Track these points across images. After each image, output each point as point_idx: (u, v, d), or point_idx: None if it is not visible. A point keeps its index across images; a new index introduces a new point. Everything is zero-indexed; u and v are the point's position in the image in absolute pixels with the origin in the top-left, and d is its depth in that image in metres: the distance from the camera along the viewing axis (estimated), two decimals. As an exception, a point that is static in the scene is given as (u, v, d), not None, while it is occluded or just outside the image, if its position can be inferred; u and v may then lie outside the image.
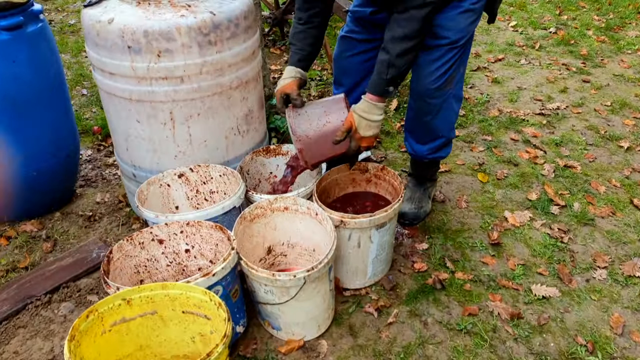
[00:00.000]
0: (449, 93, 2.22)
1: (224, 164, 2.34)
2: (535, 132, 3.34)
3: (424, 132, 2.37)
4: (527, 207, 2.69)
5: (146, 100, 2.11)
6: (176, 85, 2.08)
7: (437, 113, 2.25)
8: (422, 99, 2.23)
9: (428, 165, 2.52)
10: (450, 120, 2.34)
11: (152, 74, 2.04)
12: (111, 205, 2.68)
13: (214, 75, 2.12)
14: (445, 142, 2.41)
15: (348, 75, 2.41)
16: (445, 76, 2.14)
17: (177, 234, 1.96)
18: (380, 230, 2.04)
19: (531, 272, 2.30)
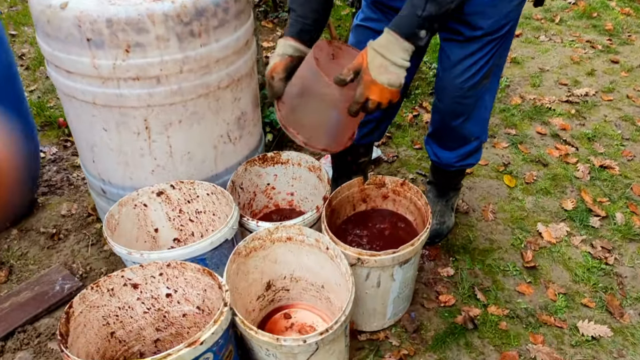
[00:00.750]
0: (484, 88, 1.82)
1: (212, 177, 1.94)
2: (563, 123, 2.96)
3: (453, 137, 1.98)
4: (562, 218, 2.33)
5: (114, 105, 1.69)
6: (151, 87, 1.66)
7: (469, 114, 1.87)
8: (452, 100, 1.83)
9: (454, 174, 2.14)
10: (484, 120, 1.96)
11: (120, 73, 1.62)
12: (79, 219, 2.28)
13: (199, 73, 1.70)
14: (477, 147, 2.03)
15: None
16: (482, 72, 1.74)
17: (155, 276, 1.58)
18: (404, 267, 1.68)
19: (575, 303, 1.96)
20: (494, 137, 2.87)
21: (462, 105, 1.83)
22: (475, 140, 1.99)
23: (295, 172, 2.10)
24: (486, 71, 1.76)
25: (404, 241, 1.86)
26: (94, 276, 2.04)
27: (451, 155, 2.03)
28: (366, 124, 2.02)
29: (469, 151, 2.01)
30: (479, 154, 2.07)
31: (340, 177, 2.25)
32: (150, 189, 1.85)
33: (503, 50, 1.78)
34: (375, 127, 2.04)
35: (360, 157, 2.16)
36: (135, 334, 1.66)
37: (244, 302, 1.71)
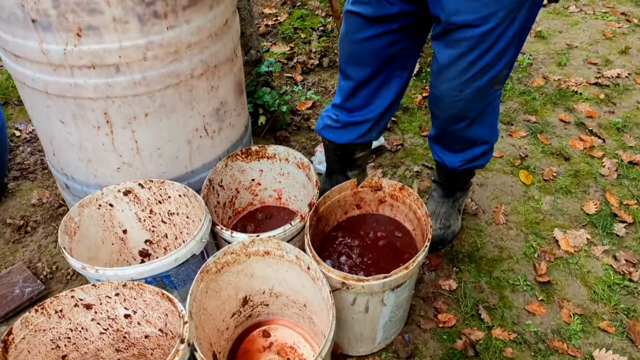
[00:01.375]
0: (495, 94, 1.56)
1: (188, 175, 1.73)
2: (590, 110, 2.66)
3: (456, 140, 1.74)
4: (583, 223, 2.09)
5: (68, 95, 1.47)
6: (109, 76, 1.43)
7: (474, 119, 1.61)
8: (449, 106, 1.58)
9: (461, 175, 1.90)
10: (492, 123, 1.70)
11: (72, 60, 1.39)
12: (50, 209, 2.09)
13: (166, 61, 1.46)
14: (486, 150, 1.78)
15: (356, 65, 1.69)
16: (486, 76, 1.47)
17: (110, 296, 1.39)
18: (397, 290, 1.47)
19: (592, 327, 1.74)
20: (512, 124, 2.60)
21: (464, 110, 1.58)
22: (483, 144, 1.74)
23: (282, 167, 1.87)
24: (494, 75, 1.48)
25: (401, 254, 1.66)
26: (59, 277, 1.86)
27: (455, 159, 1.79)
28: (362, 123, 1.77)
29: (477, 154, 1.77)
30: (489, 155, 1.82)
31: (335, 172, 2.01)
32: (116, 188, 1.65)
33: (513, 44, 1.47)
34: (374, 124, 1.79)
35: (356, 153, 1.92)
36: (92, 355, 1.49)
37: (215, 323, 1.52)
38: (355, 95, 1.74)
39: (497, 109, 1.67)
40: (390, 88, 1.72)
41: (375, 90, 1.69)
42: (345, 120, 1.81)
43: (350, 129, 1.81)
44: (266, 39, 3.31)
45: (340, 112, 1.82)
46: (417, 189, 2.22)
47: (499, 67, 1.46)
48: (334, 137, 1.86)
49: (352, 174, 2.00)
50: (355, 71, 1.68)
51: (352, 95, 1.74)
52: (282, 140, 2.47)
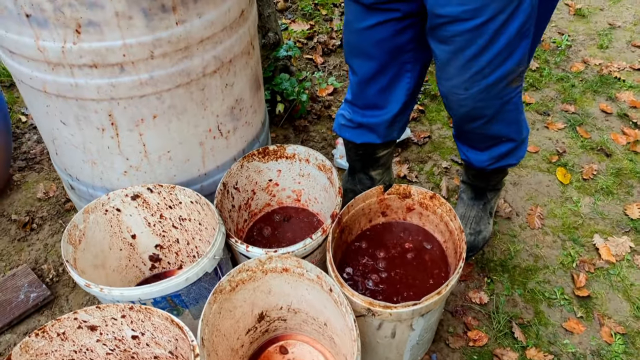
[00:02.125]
0: (512, 92, 1.40)
1: (200, 178, 1.60)
2: (634, 99, 2.46)
3: (475, 138, 1.58)
4: (625, 229, 1.93)
5: (69, 96, 1.33)
6: (113, 76, 1.29)
7: (490, 119, 1.45)
8: (455, 107, 1.43)
9: (490, 174, 1.74)
10: (516, 120, 1.52)
11: (72, 59, 1.25)
12: (56, 204, 1.98)
13: (175, 58, 1.32)
14: (513, 147, 1.61)
15: (360, 58, 1.52)
16: (496, 74, 1.30)
17: (116, 318, 1.28)
18: (427, 315, 1.34)
19: (635, 348, 1.60)
20: (548, 114, 2.41)
21: (476, 109, 1.41)
22: (509, 142, 1.57)
23: (302, 168, 1.73)
24: (505, 74, 1.31)
25: (430, 269, 1.53)
26: (65, 281, 1.77)
27: (482, 157, 1.63)
28: (378, 125, 1.62)
29: (504, 152, 1.60)
30: (519, 152, 1.64)
31: (357, 171, 1.87)
32: (124, 192, 1.53)
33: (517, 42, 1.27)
34: (391, 125, 1.63)
35: (379, 152, 1.77)
36: (99, 375, 1.40)
37: (228, 343, 1.42)
38: (364, 92, 1.58)
39: (519, 105, 1.48)
40: (402, 85, 1.55)
41: (385, 88, 1.53)
42: (359, 121, 1.66)
43: (367, 131, 1.66)
44: (284, 16, 3.11)
45: (352, 111, 1.67)
46: (445, 189, 2.07)
47: (509, 65, 1.29)
48: (351, 137, 1.71)
49: (375, 173, 1.85)
50: (359, 65, 1.52)
51: (360, 92, 1.59)
52: (302, 130, 2.32)
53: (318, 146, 2.27)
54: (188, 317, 1.45)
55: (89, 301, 1.73)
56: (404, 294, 1.47)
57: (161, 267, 1.75)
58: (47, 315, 1.69)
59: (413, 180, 2.11)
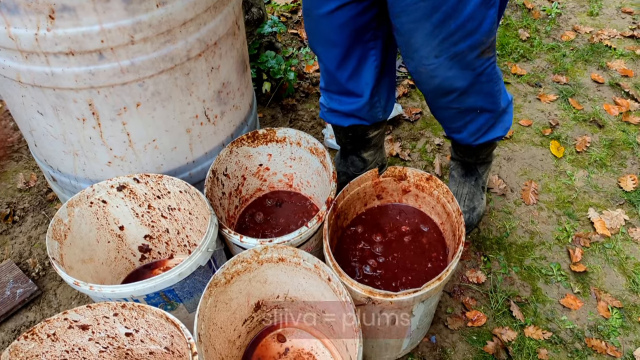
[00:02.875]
0: (483, 65, 1.35)
1: (188, 166, 1.54)
2: (625, 68, 2.43)
3: (452, 115, 1.52)
4: (620, 202, 1.92)
5: (46, 86, 1.26)
6: (92, 63, 1.21)
7: (463, 92, 1.40)
8: (426, 79, 1.38)
9: (478, 149, 1.70)
10: (492, 92, 1.46)
11: (47, 47, 1.17)
12: (38, 194, 1.91)
13: (157, 43, 1.24)
14: (495, 117, 1.55)
15: (324, 46, 1.46)
16: (461, 45, 1.26)
17: (108, 317, 1.24)
18: (427, 300, 1.32)
19: (632, 321, 1.61)
20: (540, 86, 2.37)
21: (447, 80, 1.36)
22: (486, 112, 1.51)
23: (294, 152, 1.68)
24: (475, 43, 1.26)
25: (428, 252, 1.50)
26: (52, 274, 1.71)
27: (462, 135, 1.59)
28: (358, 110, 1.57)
29: (482, 124, 1.55)
30: (503, 122, 1.58)
31: (349, 153, 1.82)
32: (109, 183, 1.47)
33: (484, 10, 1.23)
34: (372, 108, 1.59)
35: (369, 133, 1.72)
36: (93, 373, 1.36)
37: (225, 335, 1.38)
38: (335, 79, 1.53)
39: (493, 76, 1.41)
40: (369, 65, 1.49)
41: (354, 72, 1.48)
42: (339, 109, 1.61)
43: (350, 117, 1.61)
44: (267, -12, 3.01)
45: (330, 99, 1.62)
46: (439, 166, 2.03)
47: (479, 35, 1.25)
48: (338, 121, 1.66)
49: (367, 154, 1.81)
50: (324, 52, 1.46)
51: (331, 80, 1.54)
52: (290, 109, 2.26)
53: (307, 125, 2.22)
54: (183, 311, 1.41)
55: (77, 295, 1.68)
56: (402, 279, 1.44)
57: (151, 257, 1.70)
58: (35, 311, 1.64)
59: (406, 158, 2.07)
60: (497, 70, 1.43)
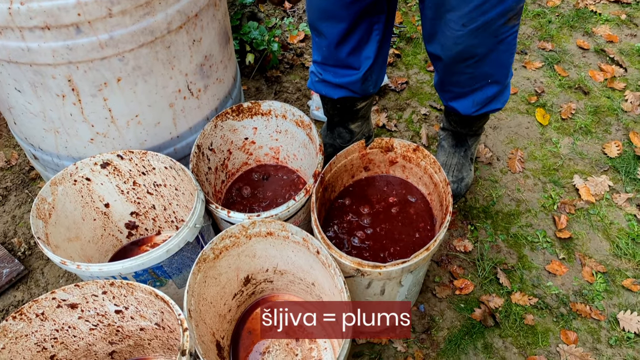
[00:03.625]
0: (507, 33, 1.34)
1: (173, 141, 1.52)
2: (610, 33, 2.42)
3: (461, 81, 1.52)
4: (604, 168, 1.93)
5: (22, 62, 1.22)
6: (69, 38, 1.18)
7: (481, 58, 1.40)
8: (449, 45, 1.37)
9: (473, 120, 1.70)
10: (506, 63, 1.47)
11: (21, 21, 1.13)
12: (20, 172, 1.88)
13: (136, 15, 1.21)
14: (498, 91, 1.56)
15: (329, 21, 1.43)
16: (492, 12, 1.26)
17: (97, 295, 1.24)
18: (415, 271, 1.33)
19: (615, 285, 1.64)
20: (526, 53, 2.36)
21: (470, 47, 1.35)
22: (494, 84, 1.52)
23: (279, 125, 1.66)
24: (507, 8, 1.26)
25: (416, 222, 1.51)
26: (39, 253, 1.70)
27: (467, 103, 1.58)
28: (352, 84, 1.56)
29: (489, 97, 1.55)
30: (505, 95, 1.60)
31: (336, 125, 1.81)
32: (93, 161, 1.45)
33: None
34: (365, 81, 1.57)
35: (357, 104, 1.70)
36: (84, 351, 1.36)
37: (215, 309, 1.39)
38: (336, 54, 1.51)
39: (512, 47, 1.42)
40: (372, 40, 1.49)
41: (356, 47, 1.46)
42: (332, 81, 1.59)
43: (341, 89, 1.59)
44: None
45: (323, 71, 1.60)
46: (425, 136, 2.02)
47: (509, 1, 1.24)
48: (328, 92, 1.64)
49: (354, 126, 1.80)
50: (329, 28, 1.44)
51: (331, 55, 1.51)
52: (274, 81, 2.23)
53: (292, 97, 2.19)
54: (172, 287, 1.41)
55: (65, 273, 1.67)
56: (391, 250, 1.45)
57: (139, 234, 1.69)
58: (23, 291, 1.63)
59: (392, 129, 2.06)
60: (516, 42, 1.43)
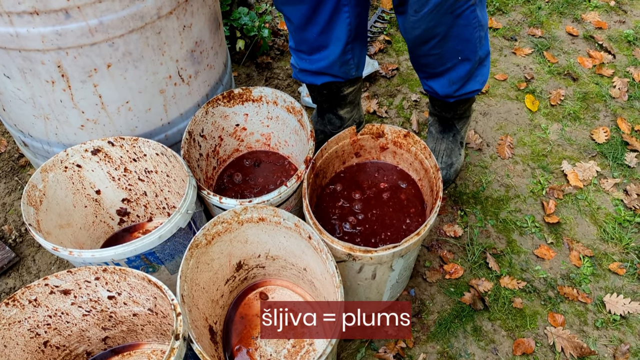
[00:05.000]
0: (461, 8, 1.35)
1: (164, 128, 1.52)
2: (599, 20, 2.44)
3: (430, 61, 1.53)
4: (592, 154, 1.96)
5: (11, 47, 1.21)
6: (58, 23, 1.17)
7: (443, 38, 1.41)
8: (412, 24, 1.38)
9: (456, 104, 1.71)
10: (471, 38, 1.46)
11: (8, 6, 1.12)
12: (9, 159, 1.87)
13: (126, 0, 1.20)
14: (473, 67, 1.55)
15: (290, 3, 1.43)
16: None
17: (90, 281, 1.24)
18: (406, 255, 1.34)
19: (602, 269, 1.67)
20: (515, 39, 2.37)
21: (429, 30, 1.37)
22: (465, 61, 1.51)
23: (270, 111, 1.66)
24: None
25: (407, 208, 1.52)
26: (30, 240, 1.70)
27: (442, 83, 1.58)
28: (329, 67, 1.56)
29: (464, 75, 1.55)
30: (481, 74, 1.59)
31: (325, 111, 1.81)
32: (83, 147, 1.44)
33: None
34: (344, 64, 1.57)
35: (344, 89, 1.70)
36: (77, 336, 1.37)
37: (208, 295, 1.40)
38: (304, 37, 1.51)
39: (472, 21, 1.41)
40: (341, 21, 1.46)
41: (324, 28, 1.45)
42: (309, 68, 1.59)
43: (322, 76, 1.59)
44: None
45: (299, 58, 1.60)
46: (416, 123, 2.03)
47: None
48: (312, 80, 1.64)
49: (344, 111, 1.80)
50: (292, 11, 1.43)
51: (301, 39, 1.51)
52: (265, 67, 2.22)
53: (283, 84, 2.19)
54: (164, 273, 1.42)
55: (57, 260, 1.67)
56: (382, 235, 1.46)
57: (130, 220, 1.69)
58: (14, 278, 1.63)
59: (383, 115, 2.07)
60: (478, 16, 1.42)
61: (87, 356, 1.43)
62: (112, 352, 1.46)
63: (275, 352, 1.44)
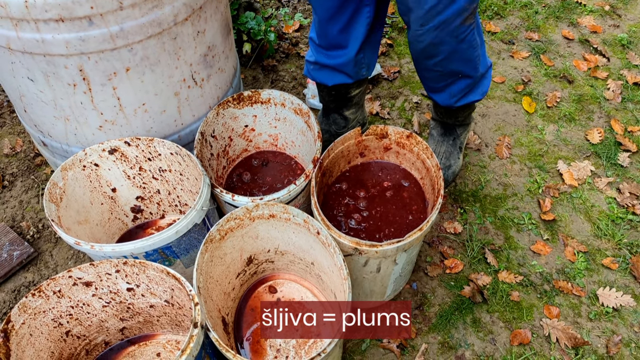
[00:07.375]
0: (467, 30, 1.43)
1: (178, 129, 1.59)
2: (594, 24, 2.51)
3: (432, 77, 1.61)
4: (587, 154, 2.03)
5: (37, 52, 1.28)
6: (82, 30, 1.24)
7: (446, 58, 1.49)
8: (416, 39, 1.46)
9: (458, 111, 1.78)
10: (472, 58, 1.55)
11: (37, 14, 1.19)
12: (26, 159, 1.94)
13: (145, 8, 1.27)
14: (474, 83, 1.64)
15: None
16: (452, 7, 1.33)
17: (110, 273, 1.31)
18: (409, 250, 1.42)
19: (595, 264, 1.74)
20: (513, 43, 2.44)
21: (432, 46, 1.44)
22: (466, 78, 1.61)
23: (278, 113, 1.73)
24: (459, 9, 1.34)
25: (409, 205, 1.59)
26: (47, 236, 1.77)
27: (444, 96, 1.67)
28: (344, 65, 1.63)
29: (463, 89, 1.64)
30: (481, 87, 1.68)
31: (331, 111, 1.88)
32: (101, 147, 1.51)
33: None
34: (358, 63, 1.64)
35: (351, 91, 1.78)
36: (97, 327, 1.44)
37: (221, 287, 1.47)
38: (326, 31, 1.58)
39: (473, 43, 1.50)
40: (361, 20, 1.54)
41: (346, 25, 1.52)
42: (325, 62, 1.66)
43: (336, 72, 1.67)
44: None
45: (317, 52, 1.67)
46: (417, 124, 2.11)
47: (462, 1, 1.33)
48: (323, 79, 1.71)
49: (349, 112, 1.87)
50: (320, 3, 1.50)
51: (323, 32, 1.59)
52: (270, 70, 2.29)
53: (289, 86, 2.26)
54: (180, 266, 1.49)
55: (73, 255, 1.74)
56: (385, 231, 1.54)
57: (143, 217, 1.76)
58: (33, 272, 1.70)
59: (385, 117, 2.15)
60: (477, 36, 1.50)
61: (105, 346, 1.50)
62: (129, 342, 1.53)
63: (284, 342, 1.51)
